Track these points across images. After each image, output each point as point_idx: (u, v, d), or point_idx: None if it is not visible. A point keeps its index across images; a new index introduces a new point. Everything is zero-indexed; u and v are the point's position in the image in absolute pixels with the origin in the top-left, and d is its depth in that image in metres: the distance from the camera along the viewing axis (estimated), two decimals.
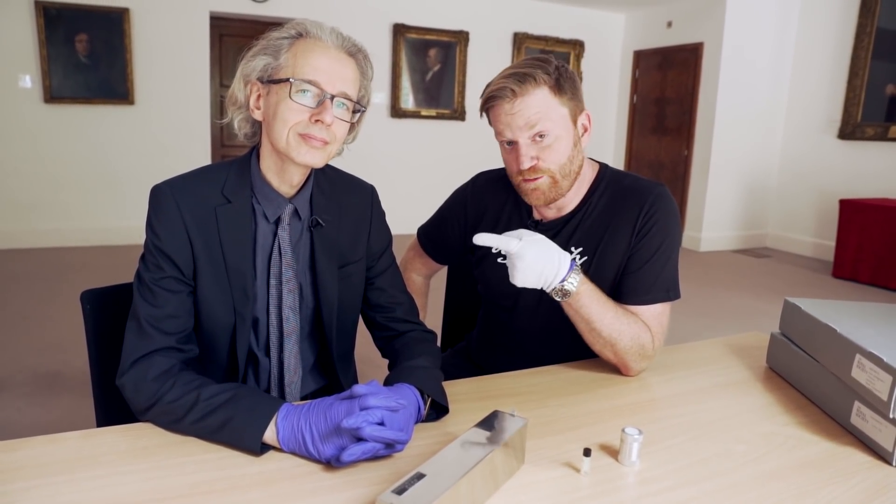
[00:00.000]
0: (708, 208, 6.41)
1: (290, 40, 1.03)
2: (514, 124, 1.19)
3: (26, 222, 5.23)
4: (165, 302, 1.02)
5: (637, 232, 1.24)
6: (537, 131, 1.18)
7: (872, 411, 0.99)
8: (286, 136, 1.01)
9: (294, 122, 1.01)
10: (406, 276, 1.58)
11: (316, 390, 1.23)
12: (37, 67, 5.03)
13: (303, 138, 1.01)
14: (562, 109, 1.20)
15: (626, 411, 1.09)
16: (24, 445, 0.89)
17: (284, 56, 1.02)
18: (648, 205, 1.24)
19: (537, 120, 1.17)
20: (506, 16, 6.75)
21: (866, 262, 5.13)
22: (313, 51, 1.02)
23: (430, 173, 6.49)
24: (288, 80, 1.00)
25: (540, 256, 1.08)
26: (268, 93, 1.04)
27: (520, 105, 1.17)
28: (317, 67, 1.01)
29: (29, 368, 2.90)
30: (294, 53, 1.02)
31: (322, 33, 1.03)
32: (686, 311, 4.04)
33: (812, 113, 6.20)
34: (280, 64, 1.02)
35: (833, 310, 1.19)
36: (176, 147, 5.54)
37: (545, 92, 1.18)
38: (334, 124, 1.02)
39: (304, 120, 1.01)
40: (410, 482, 0.72)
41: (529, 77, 1.17)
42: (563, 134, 1.20)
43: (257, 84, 1.04)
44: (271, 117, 1.03)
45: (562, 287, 1.11)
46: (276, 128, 1.02)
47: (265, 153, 1.08)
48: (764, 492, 0.86)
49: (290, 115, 1.00)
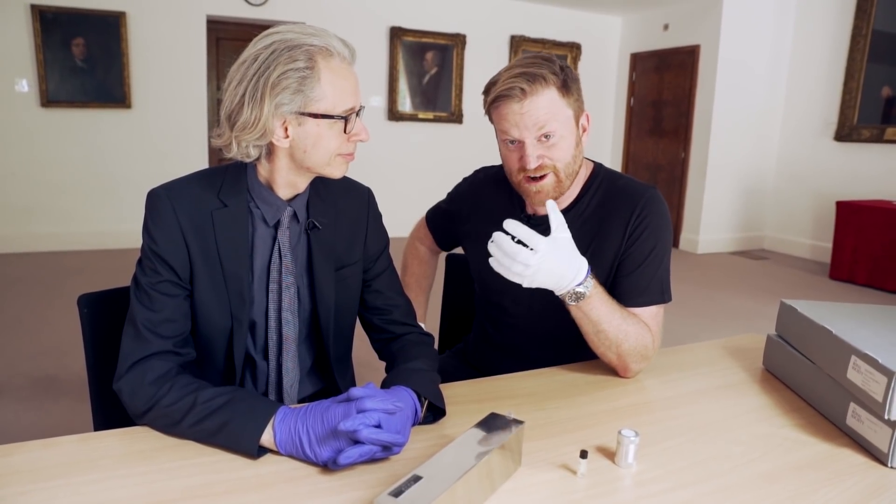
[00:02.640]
0: (705, 210, 6.42)
1: (310, 63, 0.98)
2: (522, 124, 1.18)
3: (24, 226, 5.22)
4: (162, 306, 1.02)
5: (629, 235, 1.25)
6: (545, 132, 1.18)
7: (868, 412, 0.99)
8: (328, 160, 1.04)
9: (337, 145, 1.04)
10: (413, 245, 1.60)
11: (313, 393, 1.23)
12: (33, 71, 5.03)
13: (344, 157, 1.06)
14: (567, 110, 1.20)
15: (622, 413, 1.10)
16: (21, 449, 0.88)
17: (315, 88, 0.99)
18: (640, 207, 1.25)
19: (546, 121, 1.17)
20: (502, 19, 6.77)
21: (863, 263, 5.14)
22: (338, 73, 1.01)
23: (427, 176, 6.49)
24: (332, 116, 1.01)
25: (562, 260, 1.08)
26: (300, 124, 1.01)
27: (529, 105, 1.17)
28: (347, 90, 1.02)
29: (26, 372, 2.90)
30: (324, 82, 0.99)
31: (335, 46, 1.01)
32: (683, 313, 4.05)
33: (808, 115, 6.22)
34: (315, 97, 0.99)
35: (829, 311, 1.19)
36: (173, 151, 5.53)
37: (554, 93, 1.18)
38: None
39: (344, 142, 1.04)
40: (407, 484, 0.72)
41: (539, 77, 1.16)
42: (567, 134, 1.21)
43: (286, 116, 1.01)
44: (310, 146, 1.03)
45: (575, 291, 1.11)
46: (316, 155, 1.03)
47: (277, 167, 1.06)
48: (760, 493, 0.86)
49: (333, 144, 1.04)
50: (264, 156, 1.06)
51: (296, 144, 1.03)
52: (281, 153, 1.05)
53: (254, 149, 1.03)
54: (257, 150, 1.04)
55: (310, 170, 1.06)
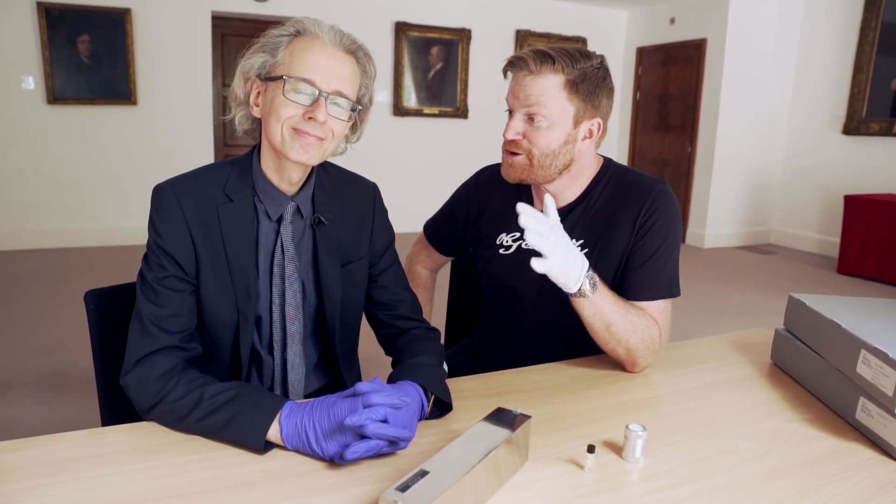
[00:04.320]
0: (712, 205, 6.40)
1: (289, 38, 1.03)
2: (515, 94, 1.22)
3: (30, 223, 5.25)
4: (168, 301, 1.02)
5: (638, 229, 1.25)
6: (531, 112, 1.20)
7: (878, 407, 0.98)
8: (280, 132, 1.02)
9: (287, 116, 1.01)
10: (412, 270, 1.59)
11: (319, 388, 1.23)
12: (39, 69, 5.05)
13: (297, 133, 1.02)
14: (567, 105, 1.20)
15: (629, 408, 1.09)
16: (30, 445, 0.89)
17: (282, 54, 1.02)
18: (650, 202, 1.25)
19: (536, 102, 1.19)
20: (508, 13, 6.74)
21: (871, 257, 5.11)
22: (310, 49, 1.02)
23: (432, 171, 6.49)
24: (283, 77, 1.01)
25: (569, 247, 1.09)
26: (265, 90, 1.04)
27: (528, 81, 1.19)
28: (313, 65, 1.01)
29: (33, 369, 2.92)
30: (291, 51, 1.02)
31: (320, 31, 1.03)
32: (690, 308, 4.03)
33: (816, 109, 6.18)
34: (277, 61, 1.02)
35: (838, 305, 1.19)
36: (178, 147, 5.55)
37: (557, 81, 1.19)
38: (329, 122, 1.02)
39: (297, 115, 1.01)
40: (414, 479, 0.72)
41: (549, 60, 1.18)
42: (555, 126, 1.21)
43: (256, 81, 1.05)
44: (268, 113, 1.04)
45: (586, 276, 1.12)
46: (271, 123, 1.03)
47: (265, 151, 1.09)
48: (768, 488, 0.86)
49: (283, 111, 1.01)
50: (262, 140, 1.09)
51: (263, 114, 1.06)
52: (263, 129, 1.07)
53: (246, 120, 1.09)
54: (247, 121, 1.09)
55: (277, 150, 1.04)
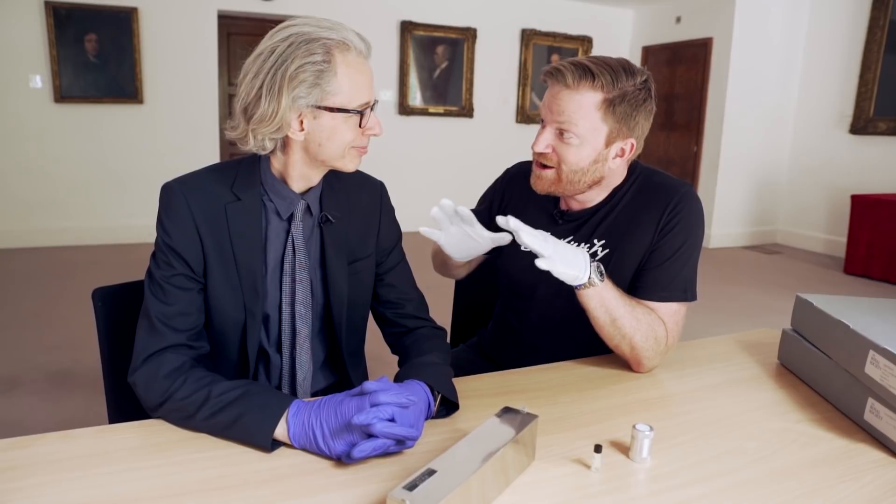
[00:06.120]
0: (718, 204, 6.37)
1: (327, 57, 0.98)
2: (549, 106, 1.21)
3: (37, 221, 5.27)
4: (176, 299, 1.02)
5: (660, 229, 1.24)
6: (561, 127, 1.19)
7: (886, 408, 0.98)
8: (343, 153, 1.05)
9: (351, 139, 1.04)
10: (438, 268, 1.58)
11: (326, 387, 1.24)
12: (47, 67, 5.07)
13: (357, 150, 1.06)
14: (601, 125, 1.18)
15: (636, 408, 1.09)
16: (39, 442, 0.89)
17: (332, 82, 0.99)
18: (674, 203, 1.24)
19: (569, 118, 1.18)
20: (513, 12, 6.73)
21: (878, 258, 5.08)
22: (354, 67, 1.01)
23: (438, 170, 6.48)
24: (348, 110, 1.01)
25: (564, 256, 1.10)
26: (315, 117, 1.02)
27: (564, 95, 1.18)
28: (361, 85, 1.02)
29: (41, 366, 2.93)
30: (336, 75, 0.99)
31: (352, 40, 1.01)
32: (697, 308, 4.01)
33: (823, 108, 6.15)
34: (329, 92, 1.00)
35: (845, 305, 1.18)
36: (185, 146, 5.56)
37: (594, 99, 1.17)
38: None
39: (358, 135, 1.05)
40: (421, 478, 0.72)
41: (589, 75, 1.15)
42: (585, 144, 1.20)
43: (302, 110, 1.01)
44: (325, 139, 1.03)
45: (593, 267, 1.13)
46: (331, 147, 1.04)
47: (291, 160, 1.07)
48: (775, 489, 0.86)
49: (348, 137, 1.04)
50: (279, 148, 1.06)
51: (311, 137, 1.03)
52: (296, 146, 1.05)
53: (269, 141, 1.03)
54: (273, 142, 1.04)
55: (324, 163, 1.07)
